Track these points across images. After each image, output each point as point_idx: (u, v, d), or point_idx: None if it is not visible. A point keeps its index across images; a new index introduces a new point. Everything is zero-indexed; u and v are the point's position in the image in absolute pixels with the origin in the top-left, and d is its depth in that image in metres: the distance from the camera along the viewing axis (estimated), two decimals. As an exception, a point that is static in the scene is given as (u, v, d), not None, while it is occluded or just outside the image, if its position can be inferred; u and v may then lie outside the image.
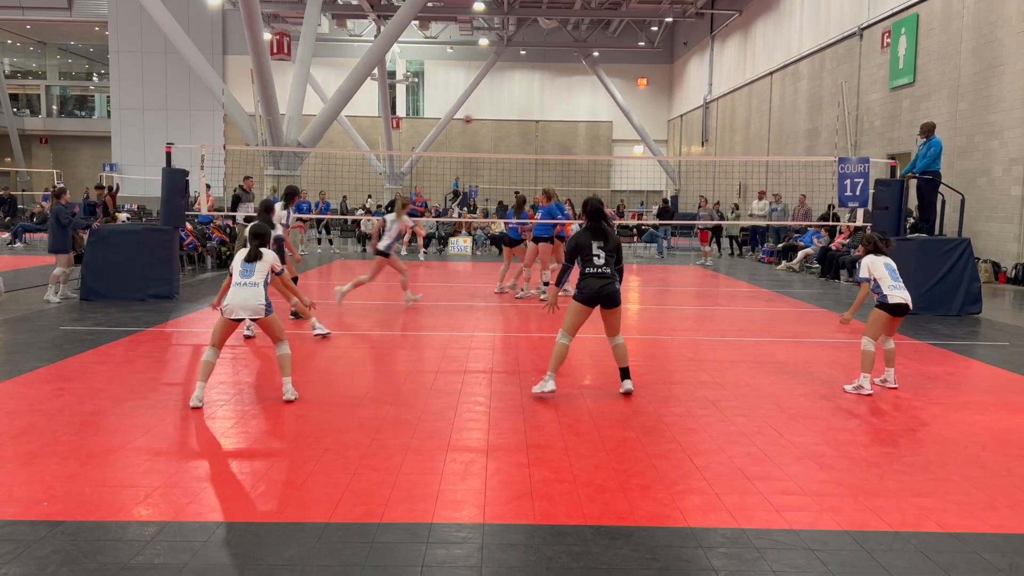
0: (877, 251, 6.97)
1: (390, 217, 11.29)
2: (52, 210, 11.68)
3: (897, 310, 6.72)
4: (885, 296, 6.70)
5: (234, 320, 6.21)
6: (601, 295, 6.27)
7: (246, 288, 6.21)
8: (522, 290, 12.56)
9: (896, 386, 6.88)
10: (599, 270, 6.29)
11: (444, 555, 3.57)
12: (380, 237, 11.08)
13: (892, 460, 4.94)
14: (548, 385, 6.41)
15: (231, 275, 6.37)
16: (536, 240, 12.32)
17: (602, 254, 6.32)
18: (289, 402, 6.09)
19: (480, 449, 5.05)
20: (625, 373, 6.53)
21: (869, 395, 6.60)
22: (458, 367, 7.47)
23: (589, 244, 6.34)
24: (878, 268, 6.82)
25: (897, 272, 6.88)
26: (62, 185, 13.31)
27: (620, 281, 6.45)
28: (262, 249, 6.41)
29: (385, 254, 10.98)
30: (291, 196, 10.13)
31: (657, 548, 3.67)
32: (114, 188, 22.95)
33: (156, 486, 4.31)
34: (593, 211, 6.47)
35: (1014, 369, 7.71)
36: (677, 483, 4.49)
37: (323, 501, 4.14)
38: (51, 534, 3.70)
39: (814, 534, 3.84)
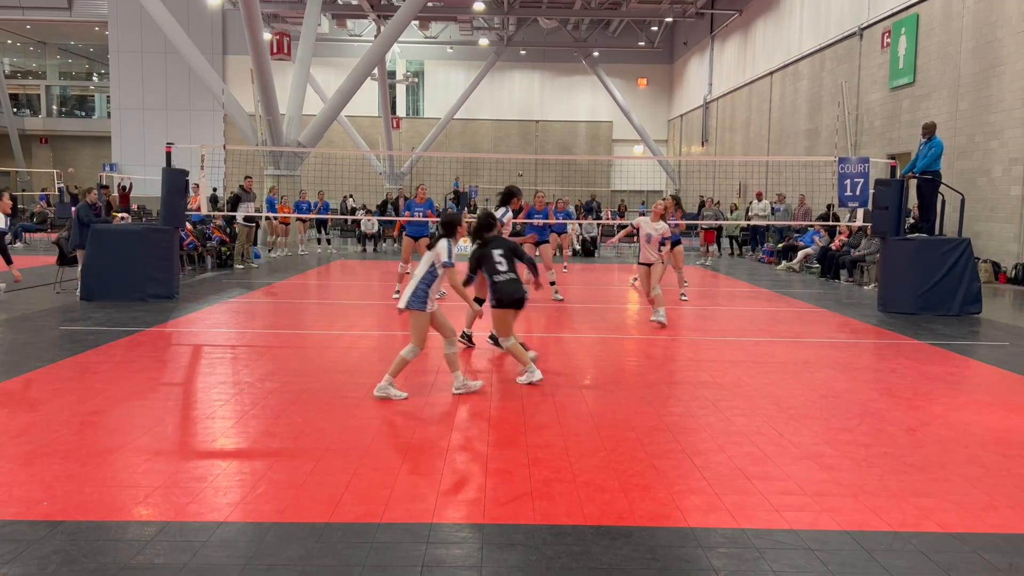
0: None
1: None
2: (76, 209, 11.90)
3: None
4: None
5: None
6: (516, 298, 6.73)
7: (413, 280, 6.28)
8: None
9: None
10: (510, 276, 6.74)
11: (444, 555, 3.57)
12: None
13: (892, 460, 4.94)
14: (535, 375, 6.73)
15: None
16: (415, 237, 12.42)
17: (504, 261, 6.75)
18: (377, 396, 6.21)
19: (480, 449, 5.05)
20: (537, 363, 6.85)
21: None
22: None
23: (490, 254, 6.77)
24: None
25: None
26: (69, 186, 13.52)
27: (536, 271, 7.20)
28: (443, 239, 6.35)
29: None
30: (509, 197, 9.11)
31: (657, 548, 3.67)
32: (127, 188, 23.01)
33: (156, 486, 4.31)
34: (477, 227, 7.01)
35: (1014, 369, 7.71)
36: (677, 483, 4.49)
37: (323, 501, 4.14)
38: (51, 534, 3.70)
39: (814, 534, 3.84)
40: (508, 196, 9.06)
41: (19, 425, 5.35)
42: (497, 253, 6.84)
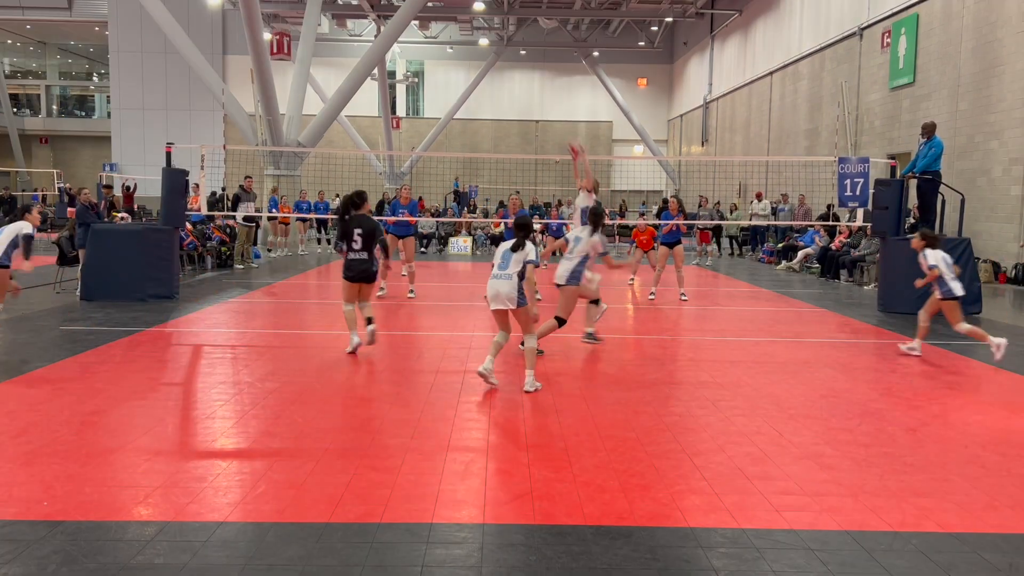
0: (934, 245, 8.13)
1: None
2: (76, 210, 11.95)
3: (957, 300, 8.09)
4: (950, 289, 7.98)
5: (495, 310, 6.59)
6: (360, 275, 7.98)
7: (500, 280, 6.51)
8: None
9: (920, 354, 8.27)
10: (358, 255, 7.94)
11: (444, 555, 3.57)
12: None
13: (892, 460, 4.94)
14: (354, 340, 7.97)
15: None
16: (399, 236, 12.58)
17: (360, 239, 7.89)
18: (527, 392, 6.46)
19: (480, 449, 5.05)
20: (368, 321, 8.00)
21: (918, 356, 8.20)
22: (458, 367, 7.46)
23: (351, 231, 7.90)
24: (940, 260, 8.05)
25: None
26: (71, 186, 13.70)
27: (387, 254, 8.37)
28: (528, 242, 6.62)
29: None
30: (599, 219, 8.05)
31: (657, 548, 3.67)
32: (131, 188, 22.99)
33: (156, 486, 4.31)
34: (345, 205, 8.02)
35: (1014, 369, 7.71)
36: (677, 483, 4.49)
37: (323, 501, 4.14)
38: (51, 534, 3.70)
39: (814, 534, 3.84)
40: (599, 219, 8.05)
41: (19, 425, 5.35)
42: (356, 232, 7.89)
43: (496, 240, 23.15)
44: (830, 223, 17.23)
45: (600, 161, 39.41)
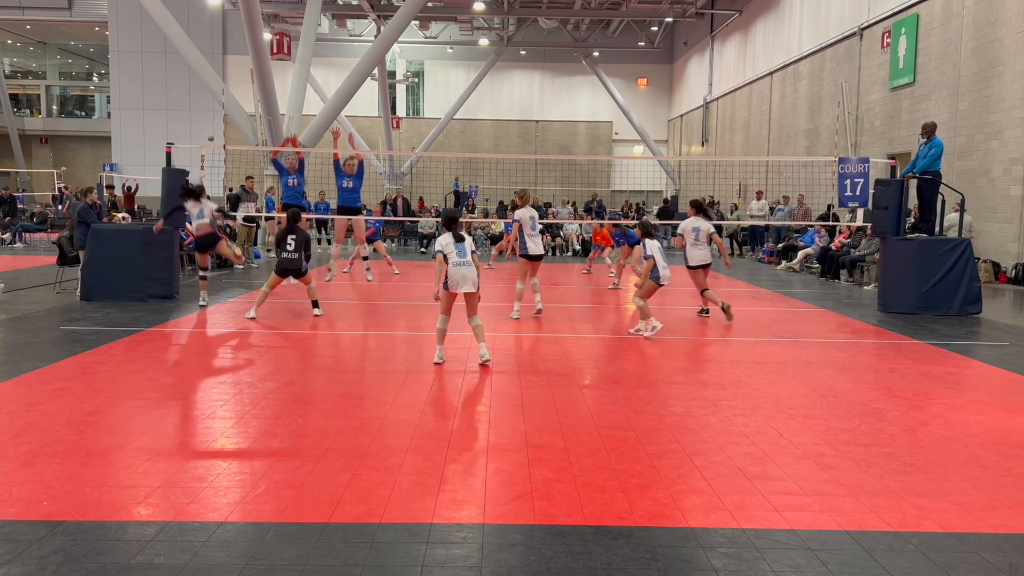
0: (652, 236, 9.22)
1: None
2: (77, 210, 11.88)
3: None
4: (659, 276, 9.11)
5: (459, 292, 7.38)
6: (289, 271, 9.96)
7: (466, 267, 7.35)
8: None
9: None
10: (291, 255, 9.91)
11: (444, 555, 3.57)
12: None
13: (892, 460, 4.94)
14: (251, 312, 9.91)
15: (445, 258, 7.37)
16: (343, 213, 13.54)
17: (293, 243, 9.91)
18: (485, 364, 7.44)
19: (480, 449, 5.05)
20: (314, 304, 10.32)
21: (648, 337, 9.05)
22: (458, 367, 7.47)
23: (287, 237, 9.91)
24: (656, 250, 9.13)
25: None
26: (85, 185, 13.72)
27: (308, 260, 10.04)
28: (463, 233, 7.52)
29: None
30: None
31: (657, 548, 3.67)
32: (133, 188, 23.01)
33: (156, 486, 4.31)
34: (289, 216, 10.06)
35: (1014, 369, 7.71)
36: (677, 483, 4.49)
37: (323, 501, 4.14)
38: (51, 534, 3.70)
39: (814, 534, 3.84)
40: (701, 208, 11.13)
41: (19, 425, 5.36)
42: (291, 237, 9.92)
43: (495, 240, 23.14)
44: (830, 223, 17.23)
45: (600, 161, 39.43)
